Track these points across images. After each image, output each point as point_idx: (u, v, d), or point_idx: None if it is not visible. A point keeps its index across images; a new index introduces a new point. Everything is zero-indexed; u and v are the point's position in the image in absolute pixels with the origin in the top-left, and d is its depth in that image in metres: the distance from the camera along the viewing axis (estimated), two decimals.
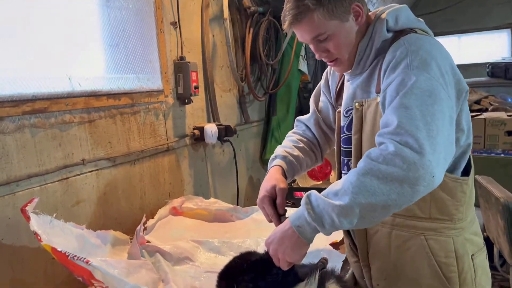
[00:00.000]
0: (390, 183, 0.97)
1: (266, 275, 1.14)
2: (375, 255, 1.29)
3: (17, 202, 1.36)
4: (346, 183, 1.02)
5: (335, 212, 1.01)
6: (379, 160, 0.99)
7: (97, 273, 1.10)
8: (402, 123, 0.99)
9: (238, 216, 1.93)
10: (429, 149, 0.96)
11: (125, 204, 1.80)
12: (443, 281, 1.19)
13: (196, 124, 2.25)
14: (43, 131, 1.45)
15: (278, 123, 3.04)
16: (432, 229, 1.19)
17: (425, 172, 0.95)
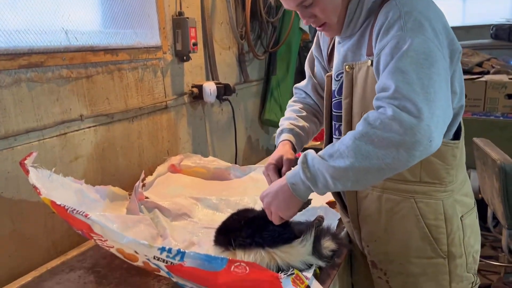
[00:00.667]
0: (385, 147, 0.96)
1: (263, 231, 1.16)
2: (365, 218, 1.31)
3: (15, 156, 1.36)
4: (342, 145, 1.02)
5: (329, 173, 1.03)
6: (376, 123, 0.98)
7: (96, 227, 1.11)
8: (399, 88, 0.97)
9: (236, 174, 1.95)
10: (427, 113, 0.95)
11: (123, 161, 1.81)
12: (431, 242, 1.22)
13: (194, 82, 2.23)
14: (40, 86, 1.43)
15: (278, 82, 3.01)
16: (422, 192, 1.21)
17: (423, 137, 0.94)
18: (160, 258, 1.04)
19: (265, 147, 3.11)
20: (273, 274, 1.02)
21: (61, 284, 1.24)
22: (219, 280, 1.00)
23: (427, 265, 1.25)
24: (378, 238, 1.30)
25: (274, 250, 1.13)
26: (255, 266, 1.03)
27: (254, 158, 2.92)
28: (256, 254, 1.13)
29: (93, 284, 1.23)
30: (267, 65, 3.05)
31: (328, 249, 1.21)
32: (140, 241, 1.05)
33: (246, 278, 1.00)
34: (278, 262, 1.12)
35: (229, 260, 1.00)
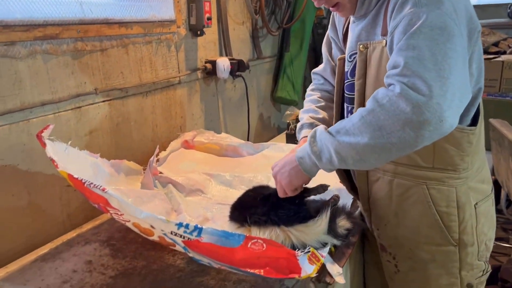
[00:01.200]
0: (391, 125, 0.92)
1: (279, 210, 1.16)
2: (376, 202, 1.30)
3: (31, 129, 1.36)
4: (349, 122, 1.00)
5: (334, 148, 1.01)
6: (383, 101, 0.94)
7: (113, 201, 1.11)
8: (408, 64, 0.93)
9: (249, 151, 1.94)
10: (438, 90, 0.89)
11: (137, 136, 1.80)
12: (442, 229, 1.20)
13: (208, 58, 2.21)
14: (55, 58, 1.42)
15: (291, 59, 2.97)
16: (434, 178, 1.18)
17: (432, 116, 0.89)
18: (177, 234, 1.04)
19: (276, 125, 3.09)
20: (290, 251, 1.02)
21: (77, 256, 1.25)
22: (236, 256, 1.00)
23: (437, 252, 1.24)
24: (388, 223, 1.29)
25: (289, 228, 1.13)
26: (272, 243, 1.03)
27: (266, 135, 2.91)
28: (271, 232, 1.13)
29: (109, 257, 1.24)
30: (281, 41, 3.01)
31: (343, 228, 1.21)
32: (158, 216, 1.04)
33: (262, 255, 1.00)
34: (293, 240, 1.12)
35: (246, 237, 1.00)
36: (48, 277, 1.15)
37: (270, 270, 0.99)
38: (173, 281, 1.11)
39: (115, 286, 1.10)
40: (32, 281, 1.14)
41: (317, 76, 1.54)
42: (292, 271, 0.99)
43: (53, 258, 1.24)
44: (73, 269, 1.19)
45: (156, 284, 1.10)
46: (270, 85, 2.97)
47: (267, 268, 0.99)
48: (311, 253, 1.04)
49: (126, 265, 1.20)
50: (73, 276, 1.15)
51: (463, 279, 1.25)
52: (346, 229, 1.22)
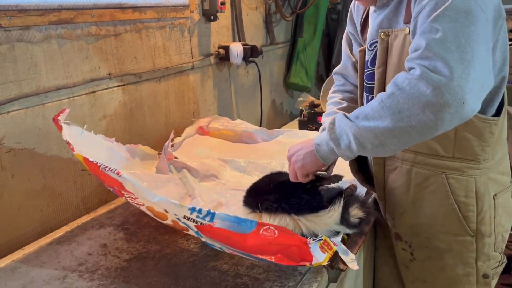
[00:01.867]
0: (411, 108, 0.90)
1: (291, 198, 1.15)
2: (392, 191, 1.29)
3: (46, 113, 1.37)
4: (368, 107, 0.99)
5: (353, 133, 0.99)
6: (403, 84, 0.92)
7: (127, 185, 1.12)
8: (430, 46, 0.91)
9: (264, 138, 1.94)
10: (460, 73, 0.87)
11: (150, 121, 1.81)
12: (460, 219, 1.20)
13: (221, 43, 2.20)
14: (69, 43, 1.42)
15: (304, 45, 2.94)
16: (454, 168, 1.17)
17: (453, 98, 0.87)
18: (190, 218, 1.04)
19: (289, 111, 3.08)
20: (302, 239, 1.02)
21: (92, 239, 1.27)
22: (247, 242, 1.00)
23: (454, 241, 1.23)
24: (405, 211, 1.28)
25: (299, 217, 1.12)
26: (284, 230, 1.03)
27: (278, 122, 2.90)
28: (282, 219, 1.13)
29: (123, 241, 1.25)
30: (294, 27, 2.98)
31: (356, 217, 1.20)
32: (171, 201, 1.05)
33: (274, 242, 0.99)
34: (303, 229, 1.11)
35: (258, 223, 1.00)
36: (64, 260, 1.17)
37: (281, 257, 0.99)
38: (187, 265, 1.12)
39: (130, 269, 1.11)
40: (48, 263, 1.15)
41: (338, 77, 1.52)
42: (303, 258, 0.99)
43: (69, 241, 1.26)
44: (88, 252, 1.20)
45: (170, 268, 1.11)
46: (283, 71, 2.95)
47: (279, 255, 0.99)
48: (324, 241, 1.04)
49: (140, 249, 1.21)
50: (88, 259, 1.16)
51: (479, 269, 1.24)
52: (358, 218, 1.20)
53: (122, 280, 1.07)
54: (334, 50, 3.24)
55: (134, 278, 1.08)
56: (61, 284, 1.06)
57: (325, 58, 3.45)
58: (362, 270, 1.40)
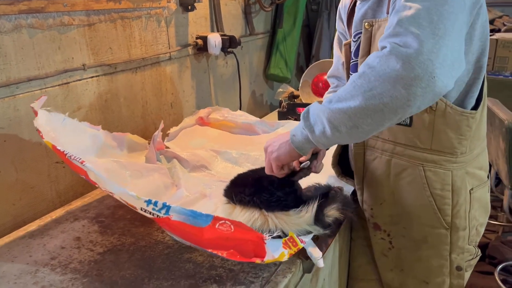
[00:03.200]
0: (382, 84, 0.89)
1: (263, 193, 1.14)
2: (371, 181, 1.30)
3: (17, 105, 1.34)
4: (342, 90, 0.97)
5: (326, 117, 0.98)
6: (374, 62, 0.91)
7: (91, 174, 1.10)
8: (401, 22, 0.90)
9: (264, 129, 1.93)
10: (431, 47, 0.86)
11: (126, 112, 1.79)
12: (435, 212, 1.21)
13: (199, 33, 2.18)
14: (41, 33, 1.39)
15: (284, 36, 2.94)
16: (432, 161, 1.18)
17: (423, 71, 0.85)
18: (146, 210, 1.03)
19: (269, 102, 3.07)
20: (258, 235, 1.01)
21: (66, 232, 1.25)
22: (204, 236, 0.99)
23: (429, 233, 1.24)
24: (384, 201, 1.29)
25: (269, 214, 1.11)
26: (241, 225, 1.01)
27: (258, 113, 2.89)
28: (252, 213, 1.12)
29: (97, 234, 1.24)
30: (274, 17, 2.96)
31: (331, 218, 1.15)
32: (129, 192, 1.03)
33: (230, 237, 0.99)
34: (270, 226, 1.09)
35: (214, 217, 0.98)
36: (36, 253, 1.15)
37: (234, 253, 0.99)
38: (161, 257, 1.12)
39: (103, 262, 1.10)
40: (19, 257, 1.14)
41: (331, 80, 1.52)
42: (256, 254, 0.99)
43: (41, 234, 1.24)
44: (61, 245, 1.19)
45: (144, 261, 1.11)
46: (262, 62, 2.94)
47: (231, 251, 0.99)
48: (289, 238, 1.03)
49: (115, 241, 1.20)
50: (61, 253, 1.15)
51: (453, 262, 1.26)
52: (334, 218, 1.15)
53: (95, 273, 1.06)
54: (314, 41, 3.24)
55: (108, 271, 1.07)
56: (32, 278, 1.05)
57: (305, 49, 3.45)
58: (337, 260, 1.41)
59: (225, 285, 1.00)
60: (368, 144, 1.29)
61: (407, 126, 1.18)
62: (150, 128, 1.91)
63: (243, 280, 1.01)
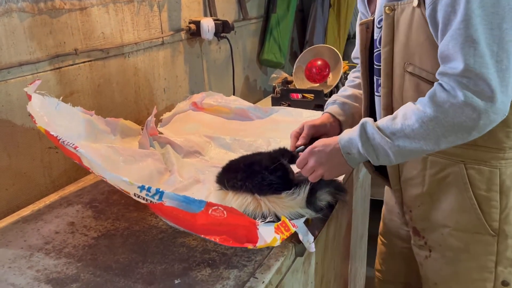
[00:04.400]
0: (457, 132, 0.92)
1: (255, 177, 1.14)
2: (408, 181, 1.21)
3: (9, 90, 1.33)
4: (406, 126, 0.96)
5: (392, 151, 0.99)
6: (445, 106, 0.91)
7: (84, 160, 1.11)
8: (469, 66, 0.88)
9: (258, 115, 1.93)
10: (500, 87, 0.87)
11: (119, 97, 1.78)
12: (479, 216, 1.08)
13: (192, 18, 2.16)
14: (32, 17, 1.38)
15: (278, 21, 2.92)
16: (475, 158, 1.06)
17: (498, 116, 0.90)
18: (140, 196, 1.04)
19: (262, 88, 3.07)
20: (251, 220, 1.02)
21: (60, 217, 1.25)
22: (197, 222, 1.01)
23: (471, 241, 1.11)
24: (422, 204, 1.19)
25: (261, 197, 1.11)
26: (233, 211, 1.02)
27: (251, 98, 2.88)
28: (244, 198, 1.12)
29: (91, 219, 1.24)
30: (267, 2, 2.94)
31: (323, 202, 1.16)
32: (122, 178, 1.04)
33: (223, 222, 1.00)
34: (263, 210, 1.10)
35: (207, 203, 0.99)
36: (30, 238, 1.15)
37: (226, 238, 1.00)
38: (155, 242, 1.13)
39: (97, 247, 1.11)
40: (14, 242, 1.14)
41: (356, 60, 1.43)
42: (249, 240, 1.00)
43: (35, 219, 1.25)
44: (55, 230, 1.19)
45: (138, 245, 1.11)
46: (256, 47, 2.93)
47: (224, 236, 1.00)
48: (281, 222, 1.04)
49: (109, 226, 1.20)
50: (55, 237, 1.16)
51: (499, 275, 1.12)
52: (326, 202, 1.17)
53: (89, 258, 1.07)
54: (308, 26, 3.23)
55: (102, 256, 1.07)
56: (27, 262, 1.05)
57: (298, 34, 3.44)
58: (330, 243, 1.43)
59: (218, 268, 1.01)
60: None
61: None
62: (143, 113, 1.91)
63: (236, 264, 1.02)
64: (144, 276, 0.99)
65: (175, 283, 0.97)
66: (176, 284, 0.96)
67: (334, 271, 1.55)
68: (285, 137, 1.61)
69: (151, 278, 0.99)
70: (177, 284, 0.96)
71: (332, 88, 2.30)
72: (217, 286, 0.95)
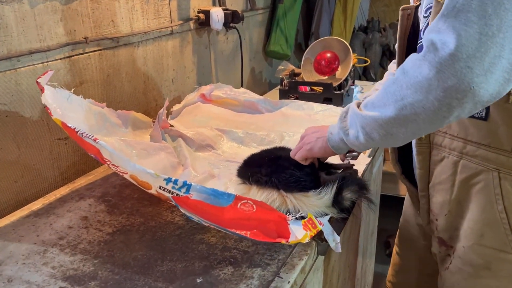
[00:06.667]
0: (413, 94, 0.80)
1: (282, 173, 1.11)
2: (437, 186, 1.12)
3: (19, 79, 1.29)
4: (376, 94, 0.90)
5: (359, 122, 0.93)
6: (408, 67, 0.82)
7: (104, 152, 1.06)
8: (446, 16, 0.76)
9: (268, 108, 1.89)
10: (471, 51, 0.73)
11: (128, 88, 1.74)
12: (507, 232, 0.99)
13: (201, 7, 2.11)
14: (42, 4, 1.33)
15: (285, 11, 2.87)
16: (510, 166, 0.96)
17: (459, 82, 0.74)
18: (166, 189, 1.00)
19: (268, 80, 3.03)
20: (281, 215, 1.00)
21: (72, 212, 1.22)
22: (224, 216, 0.97)
23: (493, 258, 1.03)
24: (449, 212, 1.10)
25: (287, 194, 1.08)
26: (263, 205, 0.99)
27: (257, 91, 2.83)
28: (269, 194, 1.09)
29: (105, 213, 1.21)
30: None
31: (349, 201, 1.12)
32: (147, 170, 1.00)
33: (252, 217, 0.97)
34: (289, 207, 1.07)
35: (236, 197, 0.96)
36: (43, 233, 1.12)
37: (257, 233, 0.97)
38: (173, 238, 1.09)
39: (113, 243, 1.08)
40: (26, 236, 1.10)
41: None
42: (280, 235, 0.97)
43: (47, 213, 1.21)
44: (68, 225, 1.15)
45: (155, 241, 1.08)
46: (262, 38, 2.89)
47: (254, 231, 0.97)
48: (308, 219, 1.01)
49: (124, 221, 1.17)
50: (69, 232, 1.12)
51: None
52: (350, 202, 1.13)
53: (106, 254, 1.03)
54: (313, 17, 3.18)
55: (119, 252, 1.04)
56: (42, 258, 1.02)
57: (304, 25, 3.39)
58: (347, 241, 1.40)
59: (241, 267, 0.98)
60: (435, 141, 1.10)
61: (481, 120, 0.98)
62: (151, 105, 1.86)
63: (258, 262, 0.99)
64: (165, 274, 0.96)
65: (197, 282, 0.94)
66: (198, 283, 0.93)
67: (349, 268, 1.53)
68: (298, 132, 1.59)
69: (172, 277, 0.95)
70: (199, 283, 0.93)
71: (341, 81, 2.27)
72: (241, 285, 0.92)
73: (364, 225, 1.75)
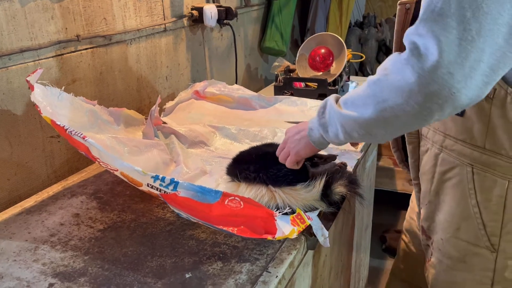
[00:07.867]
0: (394, 97, 0.79)
1: (270, 169, 1.12)
2: (423, 176, 1.16)
3: (10, 77, 1.29)
4: (356, 93, 0.90)
5: (340, 121, 0.92)
6: (390, 68, 0.81)
7: (93, 150, 1.07)
8: (426, 19, 0.75)
9: (262, 104, 1.90)
10: (452, 57, 0.72)
11: (121, 85, 1.74)
12: (479, 227, 1.01)
13: (194, 4, 2.11)
14: (33, 2, 1.33)
15: (280, 8, 2.87)
16: (483, 162, 0.97)
17: (440, 88, 0.73)
18: (153, 186, 1.01)
19: (263, 76, 3.03)
20: (268, 211, 1.00)
21: (64, 209, 1.22)
22: (212, 213, 0.98)
23: (468, 252, 1.05)
24: (429, 203, 1.13)
25: (276, 189, 1.09)
26: (250, 202, 1.00)
27: (253, 87, 2.85)
28: (258, 190, 1.10)
29: (96, 210, 1.22)
30: None
31: (339, 195, 1.12)
32: (134, 167, 1.01)
33: (239, 213, 0.97)
34: (278, 202, 1.07)
35: (223, 194, 0.97)
36: (34, 230, 1.13)
37: (244, 229, 0.97)
38: (163, 234, 1.10)
39: (104, 239, 1.08)
40: (18, 234, 1.11)
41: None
42: (267, 231, 0.98)
43: (39, 211, 1.22)
44: (60, 222, 1.16)
45: (146, 237, 1.09)
46: (257, 34, 2.89)
47: (242, 227, 0.98)
48: (297, 214, 1.02)
49: (115, 218, 1.18)
50: (60, 229, 1.13)
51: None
52: (341, 196, 1.13)
53: (97, 250, 1.04)
54: (309, 13, 3.18)
55: (109, 248, 1.05)
56: (33, 255, 1.03)
57: (300, 21, 3.39)
58: (338, 236, 1.41)
59: (230, 262, 0.99)
60: (422, 132, 1.12)
61: (458, 116, 1.00)
62: (145, 102, 1.87)
63: (247, 257, 1.00)
64: (154, 270, 0.97)
65: (186, 277, 0.94)
66: (187, 278, 0.94)
67: (342, 262, 1.54)
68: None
69: (161, 272, 0.96)
70: (188, 278, 0.94)
71: (335, 77, 2.27)
72: (229, 280, 0.93)
73: (357, 220, 1.76)
